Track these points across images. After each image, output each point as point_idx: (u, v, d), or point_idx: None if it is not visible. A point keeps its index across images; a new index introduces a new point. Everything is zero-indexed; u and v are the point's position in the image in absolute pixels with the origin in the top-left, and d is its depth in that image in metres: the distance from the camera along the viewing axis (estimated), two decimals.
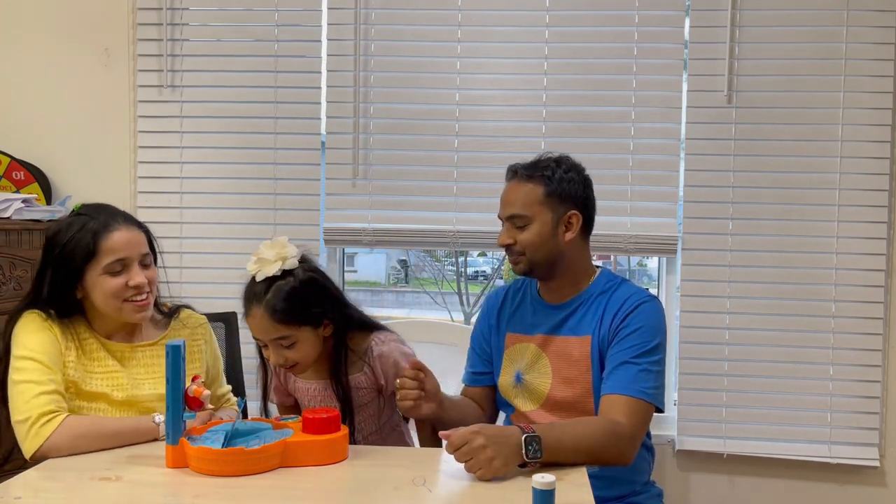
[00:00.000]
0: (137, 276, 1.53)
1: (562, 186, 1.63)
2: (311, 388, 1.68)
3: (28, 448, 1.44)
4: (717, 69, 2.39)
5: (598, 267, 1.75)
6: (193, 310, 1.75)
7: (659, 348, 1.60)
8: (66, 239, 1.51)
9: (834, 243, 2.38)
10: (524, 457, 1.34)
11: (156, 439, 1.49)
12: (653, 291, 2.44)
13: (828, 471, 2.41)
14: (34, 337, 1.51)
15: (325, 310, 1.56)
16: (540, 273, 1.69)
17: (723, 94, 2.39)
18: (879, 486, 2.42)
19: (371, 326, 1.68)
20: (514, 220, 1.65)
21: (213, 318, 1.89)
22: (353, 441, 1.57)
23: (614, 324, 1.62)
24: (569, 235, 1.64)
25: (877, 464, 2.38)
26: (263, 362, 1.67)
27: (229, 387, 1.83)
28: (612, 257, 3.72)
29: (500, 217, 1.70)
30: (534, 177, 1.64)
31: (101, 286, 1.52)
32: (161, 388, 1.46)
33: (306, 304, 1.52)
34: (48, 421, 1.43)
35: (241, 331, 2.11)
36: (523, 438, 1.35)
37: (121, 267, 1.52)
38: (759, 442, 2.41)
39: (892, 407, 2.40)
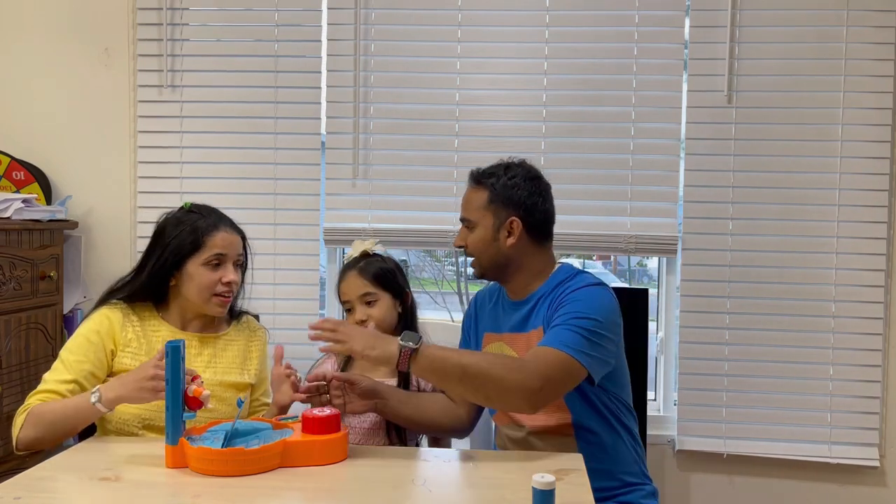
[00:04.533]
0: (231, 274, 1.70)
1: (505, 193, 1.67)
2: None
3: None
4: (717, 69, 2.39)
5: (559, 263, 1.76)
6: (257, 318, 1.89)
7: (596, 323, 1.54)
8: (177, 232, 1.68)
9: (834, 243, 2.38)
10: (399, 341, 1.42)
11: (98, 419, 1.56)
12: (653, 292, 2.45)
13: (828, 471, 2.41)
14: (77, 339, 1.66)
15: (402, 288, 1.87)
16: (491, 276, 1.75)
17: (723, 94, 2.39)
18: (879, 486, 2.42)
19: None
20: (465, 223, 1.72)
21: None
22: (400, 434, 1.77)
23: (555, 305, 1.62)
24: (510, 241, 1.67)
25: (877, 464, 2.38)
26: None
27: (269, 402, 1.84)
28: (612, 257, 3.73)
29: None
30: (481, 182, 1.70)
31: (198, 277, 1.67)
32: (218, 375, 1.72)
33: (389, 275, 1.86)
34: (20, 414, 1.56)
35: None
36: (402, 334, 1.45)
37: (218, 262, 1.69)
38: (759, 442, 2.41)
39: (892, 407, 2.41)
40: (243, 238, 1.76)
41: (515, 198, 1.67)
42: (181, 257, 1.67)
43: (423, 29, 2.48)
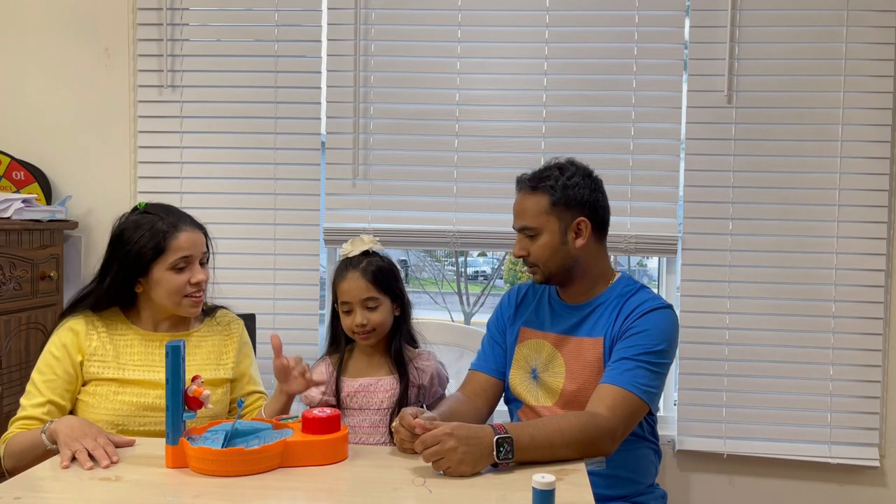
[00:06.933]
0: (199, 274, 1.66)
1: (567, 194, 1.64)
2: (358, 385, 1.81)
3: None
4: (717, 69, 2.39)
5: (617, 271, 1.75)
6: (230, 310, 1.86)
7: (663, 353, 1.59)
8: (137, 236, 1.63)
9: (834, 243, 2.38)
10: (496, 458, 1.35)
11: (48, 452, 1.49)
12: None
13: (828, 471, 2.41)
14: (45, 357, 1.65)
15: (401, 291, 1.85)
16: (557, 280, 1.71)
17: (723, 94, 2.39)
18: (879, 486, 2.42)
19: (416, 343, 1.90)
20: (525, 232, 1.67)
21: None
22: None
23: (624, 325, 1.62)
24: (579, 242, 1.65)
25: (877, 464, 2.38)
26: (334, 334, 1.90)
27: (262, 389, 1.84)
28: (612, 257, 3.73)
29: (513, 228, 1.71)
30: (538, 187, 1.65)
31: (165, 281, 1.63)
32: (193, 372, 1.60)
33: (391, 278, 1.83)
34: (2, 442, 1.61)
35: (257, 332, 2.15)
36: (495, 440, 1.35)
37: (185, 264, 1.64)
38: (759, 442, 2.41)
39: (892, 407, 2.40)
40: (205, 233, 1.72)
41: (579, 197, 1.64)
42: (144, 263, 1.62)
43: (423, 29, 2.48)
